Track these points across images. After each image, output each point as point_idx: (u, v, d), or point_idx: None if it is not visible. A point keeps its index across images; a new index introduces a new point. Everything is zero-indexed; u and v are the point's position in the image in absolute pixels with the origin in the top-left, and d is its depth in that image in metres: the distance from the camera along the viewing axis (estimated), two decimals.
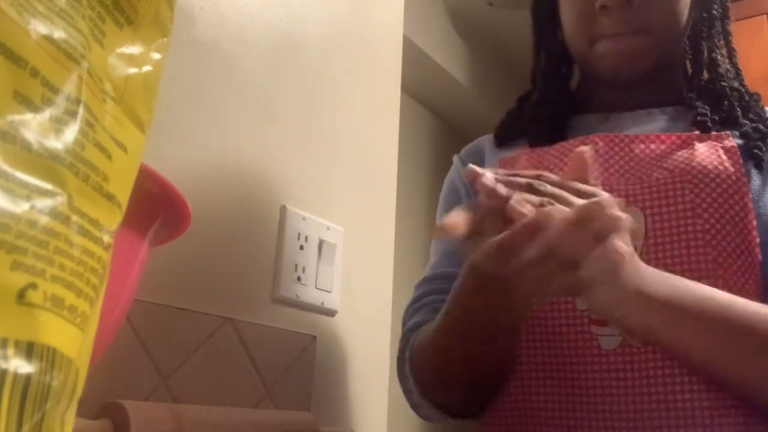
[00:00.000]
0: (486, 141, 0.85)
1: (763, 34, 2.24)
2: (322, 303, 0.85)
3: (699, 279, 0.61)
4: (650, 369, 0.60)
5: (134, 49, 0.33)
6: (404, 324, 0.79)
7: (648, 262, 0.62)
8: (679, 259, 0.62)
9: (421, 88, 2.54)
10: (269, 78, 0.84)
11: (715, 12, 0.77)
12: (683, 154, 0.67)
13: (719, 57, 0.76)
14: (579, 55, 0.77)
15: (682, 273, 0.61)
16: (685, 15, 0.74)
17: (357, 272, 0.93)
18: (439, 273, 0.80)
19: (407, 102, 2.45)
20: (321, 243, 0.85)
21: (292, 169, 0.85)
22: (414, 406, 0.75)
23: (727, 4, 0.79)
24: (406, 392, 0.75)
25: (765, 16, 2.26)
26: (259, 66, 0.83)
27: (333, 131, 0.93)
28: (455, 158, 0.87)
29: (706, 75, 0.76)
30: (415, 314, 0.78)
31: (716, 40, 0.77)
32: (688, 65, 0.78)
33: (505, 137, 0.82)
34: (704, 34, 0.77)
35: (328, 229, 0.87)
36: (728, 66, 0.77)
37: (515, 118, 0.84)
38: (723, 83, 0.74)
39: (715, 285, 0.59)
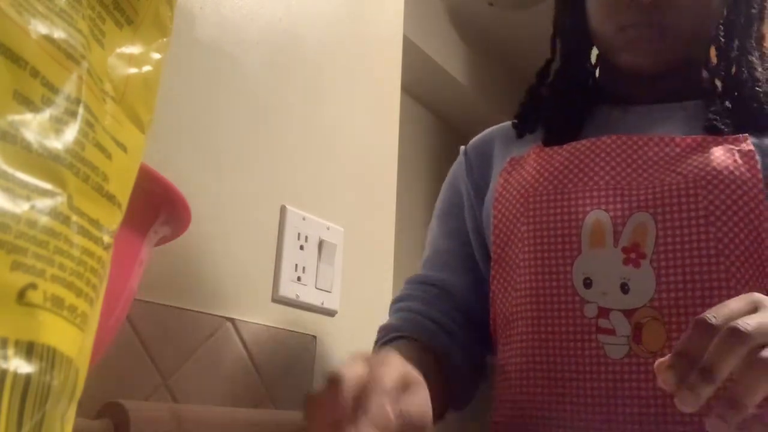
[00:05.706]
0: (496, 134, 0.83)
1: None
2: (322, 303, 0.85)
3: (710, 290, 0.59)
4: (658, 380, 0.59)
5: (134, 49, 0.33)
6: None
7: (657, 270, 0.61)
8: (690, 269, 0.60)
9: (421, 88, 2.54)
10: (269, 78, 0.84)
11: (754, 11, 0.73)
12: (698, 158, 0.64)
13: (755, 60, 0.72)
14: (603, 42, 0.74)
15: (693, 283, 0.60)
16: (717, 11, 0.72)
17: (357, 272, 0.93)
18: (422, 277, 0.79)
19: (407, 102, 2.45)
20: (321, 243, 0.85)
21: (292, 169, 0.85)
22: None
23: (766, 3, 0.74)
24: None
25: None
26: (259, 66, 0.83)
27: (333, 131, 0.93)
28: (461, 150, 0.85)
29: (737, 74, 0.72)
30: (392, 315, 0.78)
31: (752, 41, 0.73)
32: (717, 61, 0.75)
33: (524, 126, 0.79)
34: (739, 33, 0.73)
35: (328, 229, 0.87)
36: (761, 69, 0.72)
37: (535, 101, 0.81)
38: (758, 88, 0.70)
39: (727, 296, 0.57)
